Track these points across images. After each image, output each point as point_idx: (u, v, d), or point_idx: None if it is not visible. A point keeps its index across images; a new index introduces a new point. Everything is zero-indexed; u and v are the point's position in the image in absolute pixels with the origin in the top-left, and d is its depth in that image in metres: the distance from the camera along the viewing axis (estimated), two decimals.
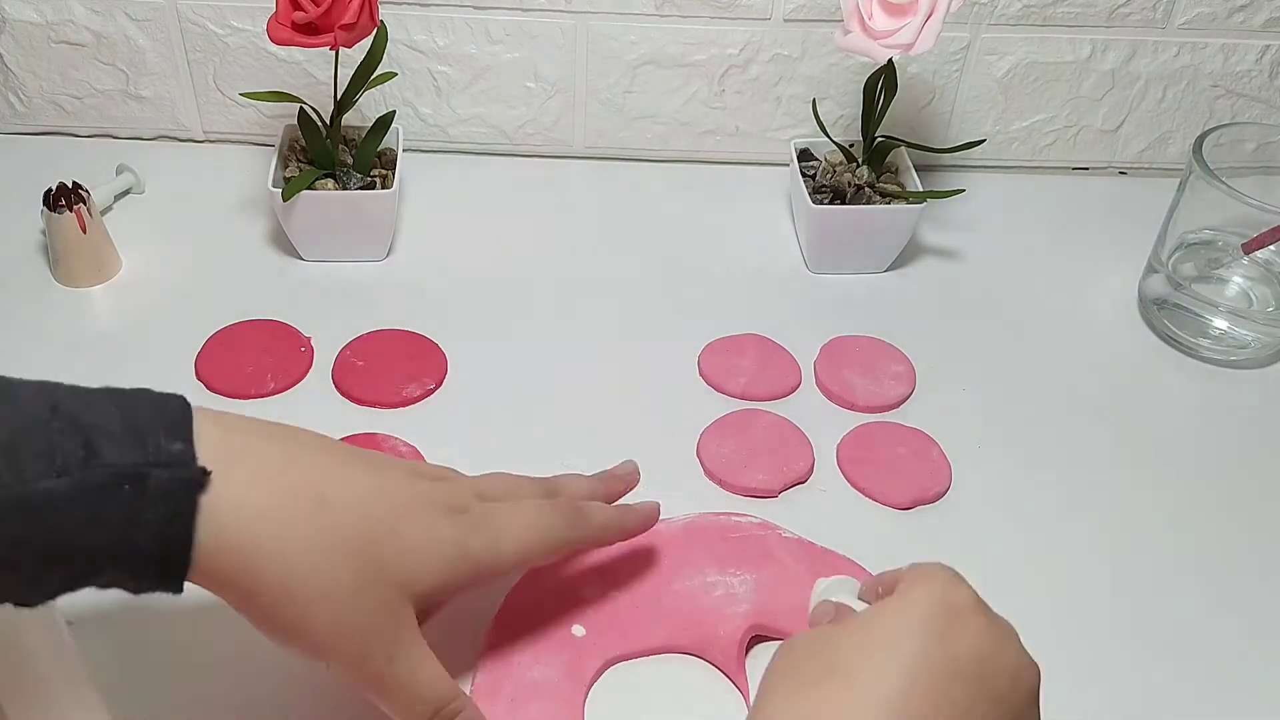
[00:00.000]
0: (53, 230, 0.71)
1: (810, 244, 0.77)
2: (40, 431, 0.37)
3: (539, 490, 0.51)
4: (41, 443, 0.37)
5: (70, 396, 0.39)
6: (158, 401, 0.40)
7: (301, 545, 0.40)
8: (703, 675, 0.53)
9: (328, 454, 0.44)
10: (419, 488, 0.46)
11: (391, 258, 0.77)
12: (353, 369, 0.68)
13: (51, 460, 0.36)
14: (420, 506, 0.45)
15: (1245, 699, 0.54)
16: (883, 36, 0.68)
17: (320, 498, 0.41)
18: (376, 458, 0.47)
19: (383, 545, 0.43)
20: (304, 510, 0.41)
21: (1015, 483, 0.64)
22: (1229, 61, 0.84)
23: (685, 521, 0.58)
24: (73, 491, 0.36)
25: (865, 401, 0.68)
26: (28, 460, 0.36)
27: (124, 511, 0.37)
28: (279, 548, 0.40)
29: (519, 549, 0.47)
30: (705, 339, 0.71)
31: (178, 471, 0.38)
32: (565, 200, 0.84)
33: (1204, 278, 0.74)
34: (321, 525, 0.41)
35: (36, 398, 0.38)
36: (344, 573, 0.41)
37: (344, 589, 0.41)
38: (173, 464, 0.38)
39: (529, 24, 0.81)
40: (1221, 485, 0.65)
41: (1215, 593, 0.59)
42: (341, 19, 0.66)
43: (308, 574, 0.41)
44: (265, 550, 0.40)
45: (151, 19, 0.80)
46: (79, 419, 0.38)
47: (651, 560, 0.56)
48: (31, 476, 0.36)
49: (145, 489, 0.37)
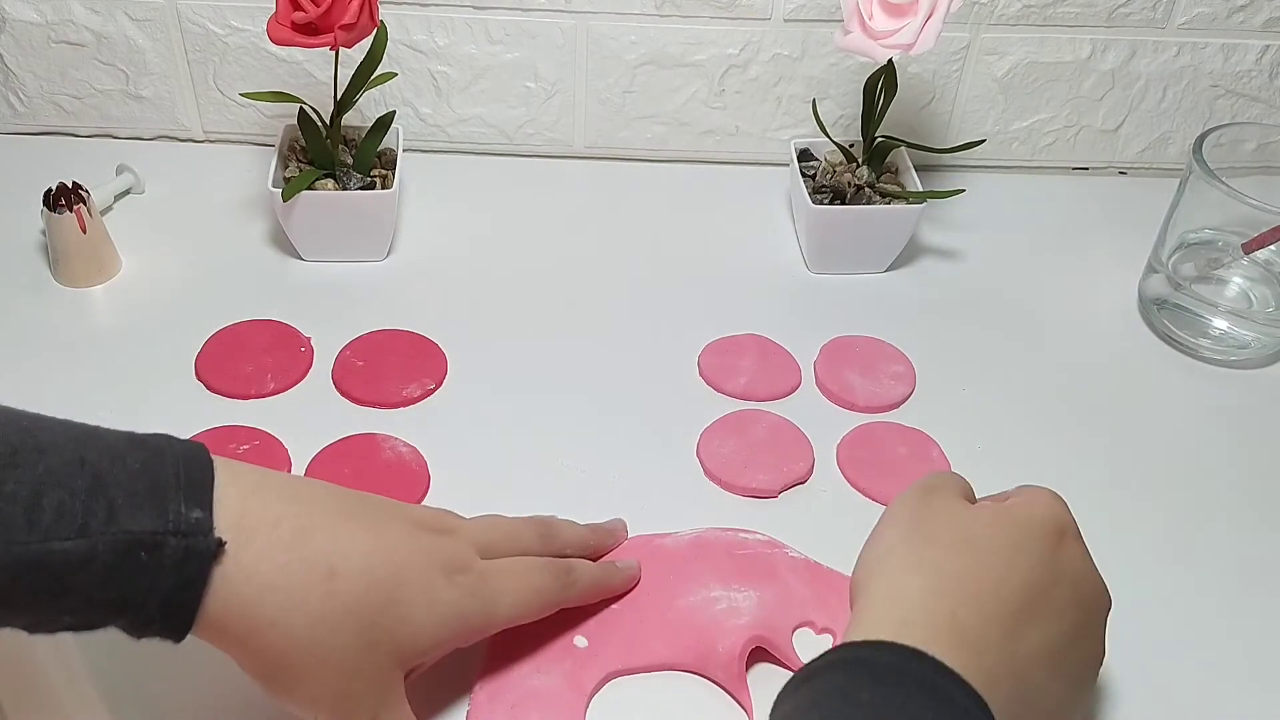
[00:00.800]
0: (53, 230, 0.71)
1: (810, 244, 0.77)
2: (65, 489, 0.38)
3: (534, 535, 0.53)
4: (65, 501, 0.38)
5: (97, 447, 0.40)
6: (181, 457, 0.41)
7: (308, 617, 0.42)
8: (705, 692, 0.52)
9: (337, 515, 0.45)
10: (422, 545, 0.47)
11: (391, 258, 0.77)
12: (353, 369, 0.68)
13: (73, 520, 0.38)
14: (423, 568, 0.46)
15: (1246, 698, 0.54)
16: (883, 37, 0.68)
17: (330, 569, 0.43)
18: (380, 511, 0.48)
19: (385, 614, 0.44)
20: (313, 582, 0.42)
21: (1015, 483, 0.64)
22: (1229, 61, 0.84)
23: (692, 536, 0.58)
24: (91, 553, 0.38)
25: (865, 401, 0.68)
26: (50, 518, 0.37)
27: (138, 576, 0.39)
28: (286, 619, 0.42)
29: (512, 611, 0.49)
30: (705, 339, 0.71)
31: (194, 542, 0.39)
32: (565, 200, 0.84)
33: (1204, 278, 0.74)
34: (328, 596, 0.43)
35: (65, 448, 0.39)
36: (346, 640, 0.43)
37: (343, 658, 0.43)
38: (191, 533, 0.39)
39: (529, 24, 0.81)
40: (1221, 485, 0.65)
41: (1216, 592, 0.59)
42: (341, 19, 0.66)
43: (311, 644, 0.42)
44: (271, 619, 0.41)
45: (151, 19, 0.80)
46: (103, 477, 0.39)
47: (656, 574, 0.56)
48: (53, 535, 0.37)
49: (161, 557, 0.39)
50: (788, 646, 0.53)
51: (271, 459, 0.61)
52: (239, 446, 0.62)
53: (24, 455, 0.38)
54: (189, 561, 0.39)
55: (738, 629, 0.53)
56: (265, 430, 0.63)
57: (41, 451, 0.38)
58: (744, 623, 0.53)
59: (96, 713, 0.49)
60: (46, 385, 0.66)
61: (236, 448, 0.62)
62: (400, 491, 0.60)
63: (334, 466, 0.61)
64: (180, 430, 0.62)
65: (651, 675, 0.53)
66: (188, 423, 0.63)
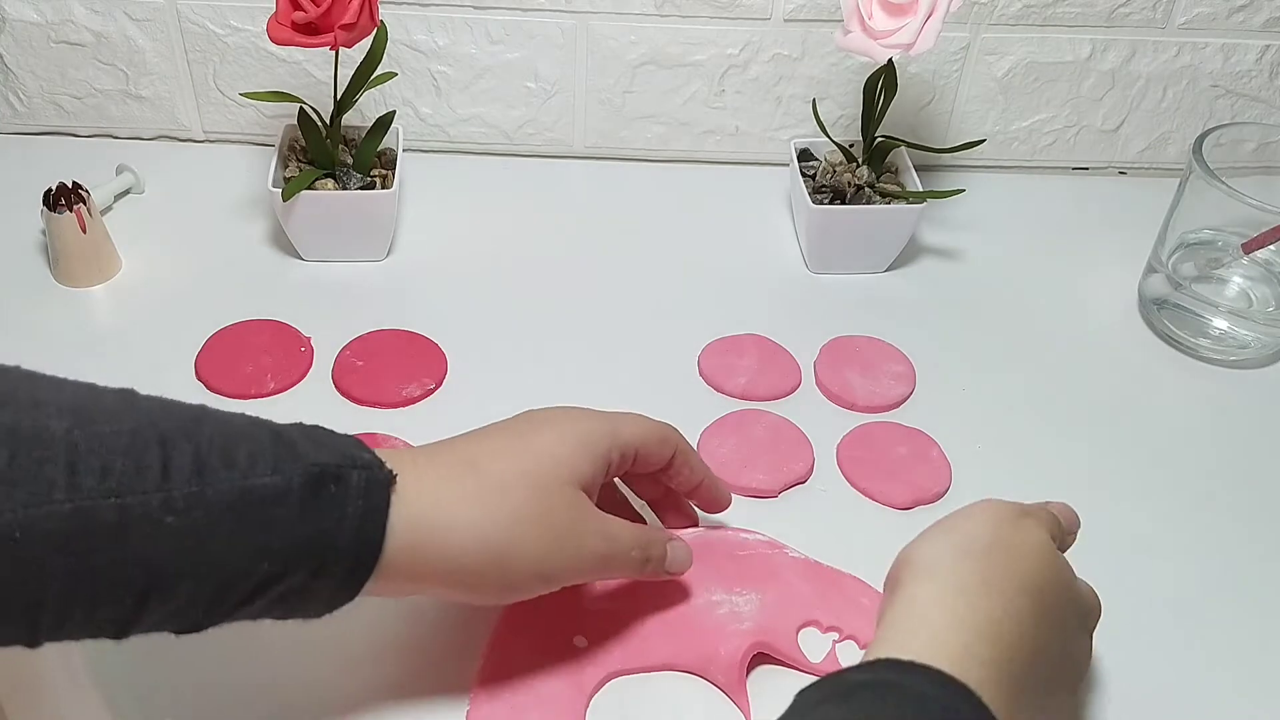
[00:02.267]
0: (53, 230, 0.71)
1: (810, 244, 0.77)
2: (252, 437, 0.41)
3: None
4: (255, 446, 0.41)
5: (262, 418, 0.44)
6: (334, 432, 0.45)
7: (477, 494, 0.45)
8: (705, 693, 0.52)
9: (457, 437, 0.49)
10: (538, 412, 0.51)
11: (391, 258, 0.77)
12: (353, 369, 0.68)
13: (267, 461, 0.41)
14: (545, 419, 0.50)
15: (1246, 698, 0.54)
16: (883, 36, 0.68)
17: (472, 461, 0.47)
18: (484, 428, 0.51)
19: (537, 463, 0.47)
20: (464, 473, 0.46)
21: (1015, 483, 0.64)
22: (1229, 61, 0.84)
23: (693, 537, 0.58)
24: (287, 486, 0.41)
25: (865, 401, 0.68)
26: (246, 461, 0.40)
27: (330, 505, 0.42)
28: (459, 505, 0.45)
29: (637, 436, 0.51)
30: (705, 339, 0.71)
31: (373, 473, 0.43)
32: (565, 200, 0.84)
33: (1204, 278, 0.74)
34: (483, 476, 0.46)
35: (238, 415, 0.43)
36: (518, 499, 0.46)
37: (527, 514, 0.46)
38: (368, 466, 0.43)
39: (529, 24, 0.81)
40: (1221, 485, 0.65)
41: (1216, 592, 0.59)
42: (341, 19, 0.66)
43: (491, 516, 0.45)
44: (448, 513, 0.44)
45: (151, 19, 0.80)
46: (281, 431, 0.43)
47: None
48: (251, 473, 0.40)
49: (348, 487, 0.42)
50: (791, 647, 0.53)
51: None
52: None
53: (209, 417, 0.42)
54: (372, 489, 0.42)
55: (740, 634, 0.53)
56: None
57: (216, 416, 0.42)
58: (746, 628, 0.53)
59: (96, 713, 0.49)
60: None
61: None
62: None
63: None
64: None
65: (651, 675, 0.53)
66: None
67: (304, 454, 0.42)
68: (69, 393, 0.41)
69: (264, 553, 0.40)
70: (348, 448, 0.43)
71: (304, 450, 0.42)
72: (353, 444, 0.44)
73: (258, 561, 0.40)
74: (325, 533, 0.41)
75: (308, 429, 0.44)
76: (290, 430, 0.43)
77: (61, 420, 0.38)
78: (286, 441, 0.42)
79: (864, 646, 0.54)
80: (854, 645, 0.54)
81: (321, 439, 0.44)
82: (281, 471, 0.41)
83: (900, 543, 0.60)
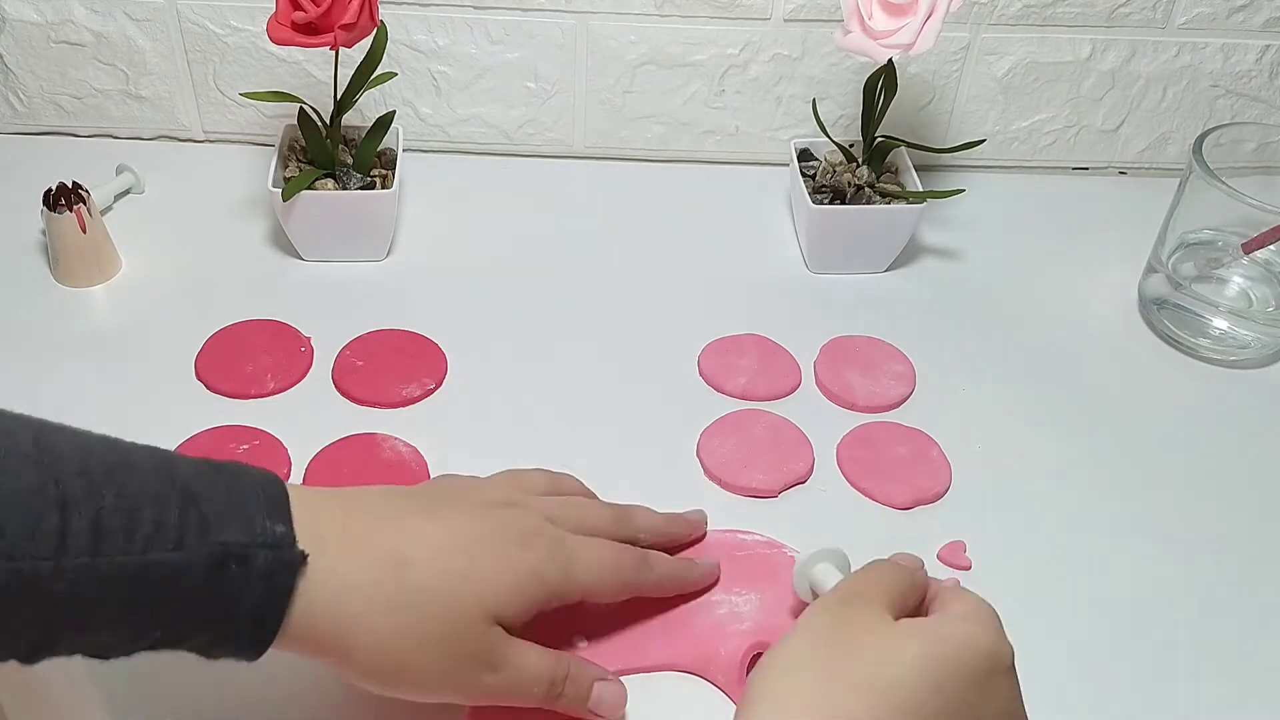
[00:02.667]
0: (53, 230, 0.71)
1: (810, 244, 0.77)
2: (160, 504, 0.39)
3: (608, 519, 0.53)
4: (161, 514, 0.39)
5: (184, 468, 0.41)
6: (258, 482, 0.43)
7: (388, 605, 0.43)
8: (705, 693, 0.52)
9: (400, 512, 0.47)
10: (490, 520, 0.48)
11: (391, 258, 0.77)
12: (353, 369, 0.68)
13: (170, 533, 0.39)
14: (493, 539, 0.47)
15: (1246, 698, 0.54)
16: (883, 36, 0.68)
17: (400, 559, 0.44)
18: (444, 498, 0.50)
19: (464, 586, 0.45)
20: (387, 574, 0.44)
21: (1015, 483, 0.64)
22: (1229, 61, 0.84)
23: None
24: (187, 565, 0.39)
25: (865, 401, 0.68)
26: (149, 530, 0.39)
27: (228, 588, 0.40)
28: (367, 611, 0.43)
29: (589, 579, 0.49)
30: (705, 339, 0.71)
31: (281, 554, 0.41)
32: (565, 200, 0.84)
33: (1204, 278, 0.74)
34: (403, 583, 0.44)
35: (155, 467, 0.41)
36: (431, 620, 0.44)
37: (435, 635, 0.44)
38: (277, 545, 0.41)
39: (529, 24, 0.81)
40: (1221, 485, 0.65)
41: (1216, 592, 0.59)
42: (341, 19, 0.66)
43: (396, 632, 0.43)
44: (355, 616, 0.43)
45: (151, 19, 0.80)
46: (194, 494, 0.40)
47: None
48: (151, 547, 0.39)
49: (251, 569, 0.40)
50: None
51: (271, 459, 0.61)
52: (239, 446, 0.62)
53: (119, 473, 0.39)
54: (277, 572, 0.41)
55: (740, 634, 0.53)
56: (265, 430, 0.63)
57: (135, 469, 0.40)
58: (746, 628, 0.54)
59: (96, 713, 0.49)
60: (46, 385, 0.66)
61: (236, 447, 0.62)
62: None
63: (334, 466, 0.61)
64: (180, 430, 0.62)
65: (651, 675, 0.53)
66: (188, 423, 0.63)
67: (211, 527, 0.40)
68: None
69: (158, 623, 0.40)
70: (262, 517, 0.41)
71: (213, 522, 0.40)
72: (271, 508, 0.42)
73: (151, 630, 0.40)
74: (223, 610, 0.40)
75: (230, 481, 0.42)
76: (206, 488, 0.41)
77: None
78: (197, 509, 0.40)
79: None
80: None
81: (240, 502, 0.41)
82: (185, 548, 0.39)
83: (900, 542, 0.60)
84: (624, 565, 0.51)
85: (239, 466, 0.43)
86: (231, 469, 0.43)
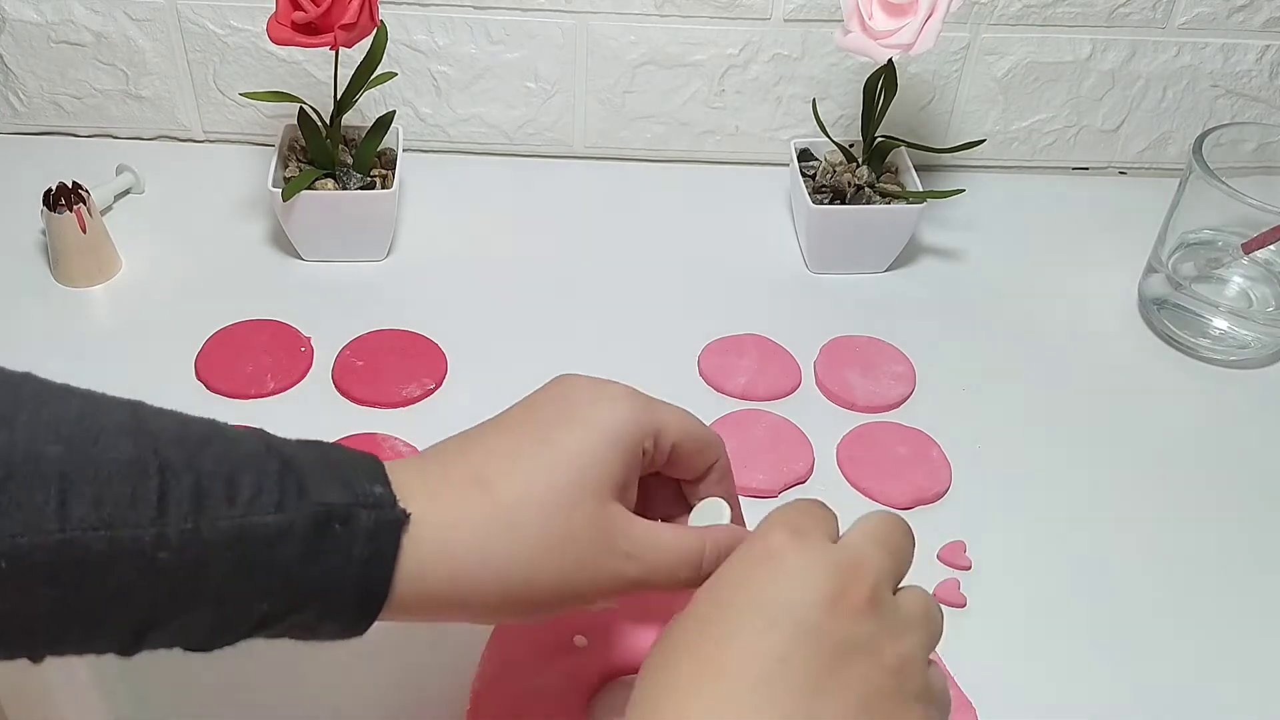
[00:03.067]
0: (53, 230, 0.71)
1: (810, 244, 0.77)
2: (260, 467, 0.39)
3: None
4: (260, 479, 0.39)
5: (279, 440, 0.41)
6: (353, 454, 0.42)
7: (490, 529, 0.41)
8: None
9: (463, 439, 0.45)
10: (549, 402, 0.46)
11: (391, 258, 0.77)
12: (353, 369, 0.68)
13: (270, 495, 0.39)
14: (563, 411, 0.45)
15: (1246, 698, 0.54)
16: (883, 36, 0.68)
17: (482, 481, 0.42)
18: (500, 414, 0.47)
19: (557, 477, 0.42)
20: (476, 499, 0.42)
21: (1015, 483, 0.64)
22: (1229, 61, 0.84)
23: None
24: (289, 526, 0.38)
25: (865, 401, 0.68)
26: (249, 494, 0.38)
27: (334, 549, 0.39)
28: (475, 544, 0.41)
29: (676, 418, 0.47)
30: (705, 339, 0.71)
31: (383, 513, 0.40)
32: (565, 200, 0.84)
33: (1204, 278, 0.74)
34: (496, 503, 0.42)
35: (251, 436, 0.41)
36: (535, 526, 0.42)
37: (547, 541, 0.42)
38: (378, 505, 0.40)
39: (529, 24, 0.81)
40: (1221, 485, 0.65)
41: (1215, 592, 0.59)
42: (341, 19, 0.66)
43: (510, 553, 0.41)
44: (464, 555, 0.41)
45: (151, 19, 0.80)
46: (290, 460, 0.40)
47: None
48: (252, 510, 0.38)
49: (355, 528, 0.39)
50: None
51: None
52: None
53: (217, 442, 0.39)
54: (380, 531, 0.40)
55: None
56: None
57: (231, 440, 0.40)
58: None
59: (97, 713, 0.49)
60: None
61: None
62: None
63: None
64: None
65: None
66: None
67: (311, 490, 0.39)
68: (74, 409, 0.39)
69: (263, 593, 0.39)
70: (361, 480, 0.40)
71: (312, 485, 0.39)
72: (368, 473, 0.41)
73: (257, 601, 0.39)
74: (328, 576, 0.39)
75: (324, 452, 0.41)
76: (303, 456, 0.40)
77: (58, 444, 0.37)
78: (295, 473, 0.39)
79: None
80: None
81: (337, 466, 0.41)
82: (285, 509, 0.38)
83: None
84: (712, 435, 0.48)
85: (333, 444, 0.43)
86: (326, 444, 0.42)
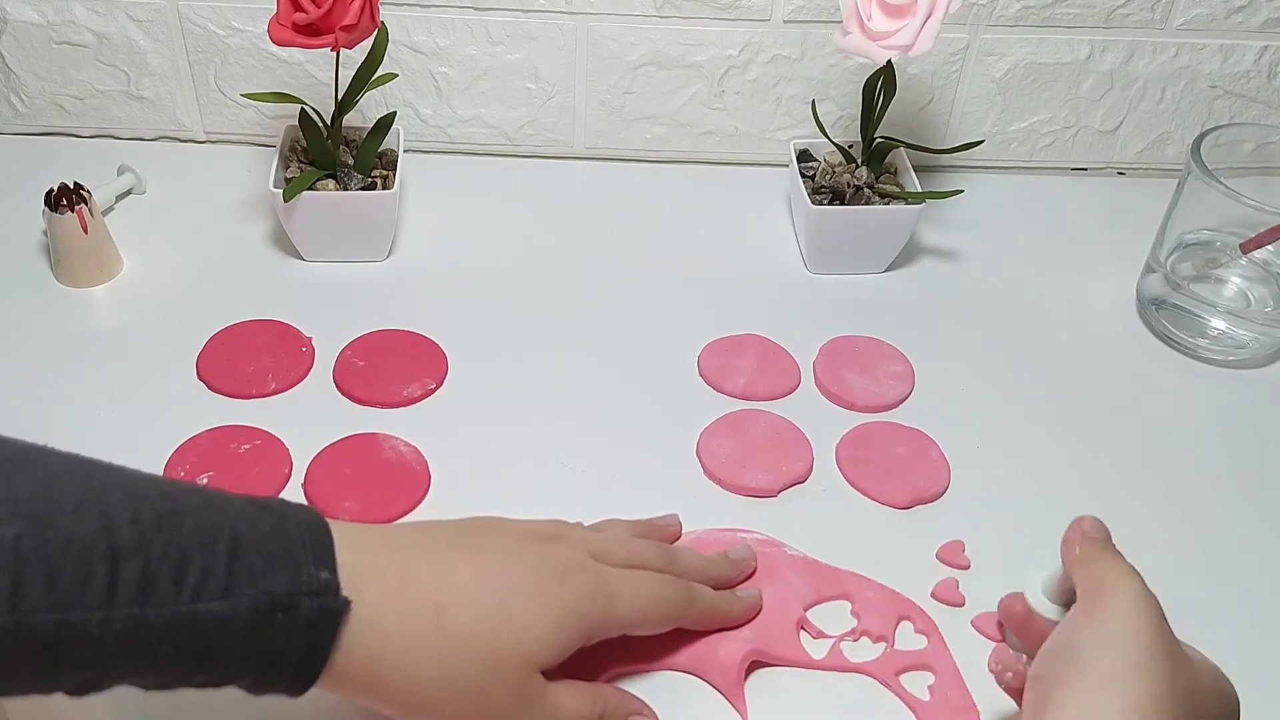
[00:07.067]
0: (54, 230, 0.71)
1: (810, 244, 0.78)
2: (207, 551, 0.40)
3: (654, 552, 0.53)
4: (209, 562, 0.40)
5: (229, 511, 0.42)
6: (304, 523, 0.43)
7: (427, 655, 0.44)
8: (704, 692, 0.52)
9: (436, 552, 0.47)
10: (528, 556, 0.48)
11: (392, 258, 0.77)
12: (353, 369, 0.68)
13: (218, 582, 0.40)
14: (531, 578, 0.47)
15: (1245, 698, 0.54)
16: (882, 38, 0.68)
17: (438, 606, 0.44)
18: (482, 535, 0.49)
19: (502, 633, 0.45)
20: (425, 622, 0.44)
21: (1014, 482, 0.64)
22: (1227, 62, 0.84)
23: (693, 537, 0.58)
24: (233, 614, 0.40)
25: (864, 401, 0.68)
26: (196, 579, 0.39)
27: (275, 635, 0.41)
28: (407, 662, 0.44)
29: (631, 615, 0.49)
30: (705, 339, 0.71)
31: (326, 601, 0.42)
32: (565, 200, 0.84)
33: (1202, 278, 0.74)
34: (441, 631, 0.44)
35: (202, 511, 0.41)
36: (468, 669, 0.44)
37: (470, 685, 0.45)
38: (322, 593, 0.42)
39: (529, 25, 0.81)
40: (1220, 485, 0.65)
41: (1214, 592, 0.59)
42: (342, 20, 0.66)
43: (434, 681, 0.44)
44: (393, 664, 0.43)
45: (153, 20, 0.81)
46: (240, 540, 0.41)
47: None
48: (199, 597, 0.39)
49: (297, 616, 0.41)
50: (792, 644, 0.54)
51: (272, 459, 0.61)
52: (240, 446, 0.62)
53: (168, 520, 0.40)
54: (322, 620, 0.41)
55: (739, 639, 0.53)
56: (266, 430, 0.63)
57: (183, 515, 0.40)
58: (746, 635, 0.54)
59: (97, 713, 0.49)
60: (47, 385, 0.66)
61: (238, 447, 0.62)
62: (401, 491, 0.60)
63: (335, 466, 0.61)
64: (181, 430, 0.63)
65: (652, 675, 0.53)
66: (189, 423, 0.63)
67: (258, 576, 0.40)
68: (33, 481, 0.39)
69: (204, 668, 0.40)
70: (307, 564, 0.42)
71: (259, 570, 0.40)
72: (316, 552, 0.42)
73: (197, 673, 0.41)
74: (267, 655, 0.41)
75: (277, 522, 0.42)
76: (253, 534, 0.41)
77: (14, 524, 0.37)
78: (244, 559, 0.40)
79: (868, 638, 0.55)
80: (858, 641, 0.54)
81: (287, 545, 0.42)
82: (231, 596, 0.40)
83: (900, 542, 0.60)
84: (668, 599, 0.51)
85: (284, 505, 0.44)
86: (278, 509, 0.43)
